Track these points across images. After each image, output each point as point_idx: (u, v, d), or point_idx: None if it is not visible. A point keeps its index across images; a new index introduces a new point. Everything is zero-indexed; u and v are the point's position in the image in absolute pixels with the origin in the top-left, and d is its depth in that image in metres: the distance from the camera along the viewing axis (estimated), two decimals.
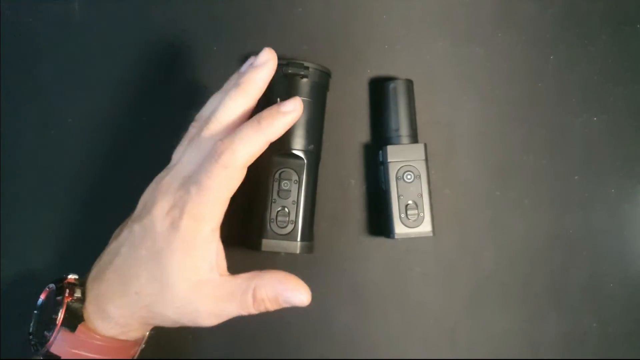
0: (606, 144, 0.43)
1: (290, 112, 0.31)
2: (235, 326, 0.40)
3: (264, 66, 0.32)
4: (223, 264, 0.31)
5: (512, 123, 0.43)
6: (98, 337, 0.30)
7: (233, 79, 0.34)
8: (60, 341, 0.30)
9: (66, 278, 0.32)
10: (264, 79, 0.32)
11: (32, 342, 0.31)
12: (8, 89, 0.42)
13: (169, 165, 0.33)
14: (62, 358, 0.30)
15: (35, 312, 0.32)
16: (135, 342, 0.33)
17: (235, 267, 0.41)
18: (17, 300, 0.40)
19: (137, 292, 0.30)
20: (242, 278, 0.31)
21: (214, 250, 0.30)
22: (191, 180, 0.29)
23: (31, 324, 0.32)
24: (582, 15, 0.44)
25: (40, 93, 0.42)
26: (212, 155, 0.29)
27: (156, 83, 0.42)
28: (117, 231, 0.34)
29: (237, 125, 0.30)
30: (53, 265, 0.41)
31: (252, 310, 0.31)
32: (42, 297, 0.32)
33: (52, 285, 0.32)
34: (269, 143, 0.30)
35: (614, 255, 0.42)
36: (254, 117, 0.30)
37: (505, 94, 0.43)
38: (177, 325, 0.31)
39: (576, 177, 0.43)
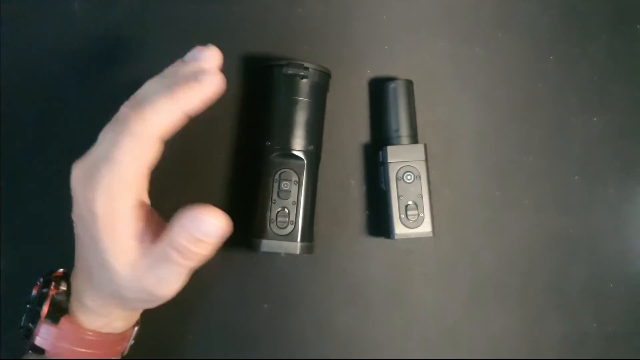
0: (606, 144, 0.43)
1: (208, 84, 0.28)
2: (236, 326, 0.41)
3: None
4: (158, 231, 0.28)
5: (512, 123, 0.43)
6: (82, 329, 0.30)
7: (176, 66, 0.31)
8: (45, 334, 0.30)
9: (55, 271, 0.32)
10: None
11: (21, 336, 0.31)
12: (8, 89, 0.42)
13: None
14: (46, 350, 0.30)
15: (28, 306, 0.32)
16: (123, 337, 0.33)
17: (235, 267, 0.41)
18: (17, 300, 0.40)
19: (99, 282, 0.29)
20: (161, 238, 0.27)
21: (141, 226, 0.28)
22: (101, 158, 0.27)
23: (22, 318, 0.32)
24: (582, 15, 0.44)
25: (40, 93, 0.42)
26: (121, 125, 0.27)
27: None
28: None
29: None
30: (53, 265, 0.41)
31: (189, 264, 0.27)
32: (34, 291, 0.32)
33: (41, 279, 0.32)
34: (185, 115, 0.28)
35: (614, 255, 0.43)
36: (168, 85, 0.28)
37: (505, 94, 0.43)
38: (149, 305, 0.30)
39: (576, 177, 0.43)
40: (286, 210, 0.37)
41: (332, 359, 0.41)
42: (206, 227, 0.26)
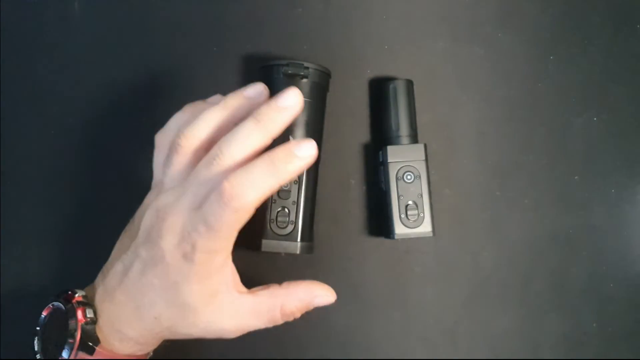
0: (606, 144, 0.43)
1: (306, 156, 0.28)
2: None
3: (290, 110, 0.29)
4: (238, 280, 0.31)
5: (512, 123, 0.43)
6: (116, 355, 0.30)
7: (235, 98, 0.31)
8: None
9: (73, 296, 0.31)
10: (286, 122, 0.29)
11: None
12: (8, 89, 0.42)
13: (160, 184, 0.31)
14: None
15: (38, 328, 0.31)
16: (146, 353, 0.34)
17: (235, 267, 0.41)
18: (17, 300, 0.40)
19: (156, 317, 0.29)
20: (265, 295, 0.31)
21: (229, 272, 0.30)
22: (199, 219, 0.27)
23: (35, 342, 0.31)
24: (582, 15, 0.44)
25: (40, 93, 0.42)
26: (220, 197, 0.26)
27: (156, 83, 0.42)
28: (118, 245, 0.33)
29: (247, 161, 0.28)
30: (53, 266, 0.41)
31: (279, 322, 0.32)
32: (45, 313, 0.31)
33: (57, 304, 0.31)
34: (280, 186, 0.29)
35: (614, 255, 0.42)
36: (267, 155, 0.28)
37: (505, 94, 0.43)
38: (201, 338, 0.31)
39: (576, 177, 0.43)
40: (286, 210, 0.37)
41: (332, 359, 0.41)
42: (321, 304, 0.32)
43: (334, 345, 0.41)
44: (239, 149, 0.28)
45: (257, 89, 0.31)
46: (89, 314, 0.30)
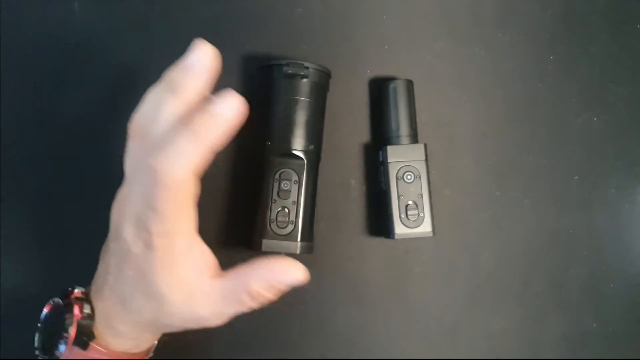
0: (606, 144, 0.43)
1: (228, 114, 0.27)
2: (235, 326, 0.40)
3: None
4: (212, 264, 0.30)
5: (512, 123, 0.43)
6: (111, 352, 0.30)
7: (179, 74, 0.29)
8: (69, 356, 0.30)
9: (72, 292, 0.31)
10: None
11: (39, 358, 0.31)
12: (8, 89, 0.42)
13: (125, 178, 0.31)
14: None
15: (39, 325, 0.31)
16: (145, 352, 0.33)
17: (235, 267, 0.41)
18: (17, 300, 0.40)
19: (138, 310, 0.29)
20: (230, 278, 0.30)
21: (198, 257, 0.29)
22: (145, 204, 0.27)
23: (36, 338, 0.31)
24: (582, 15, 0.44)
25: (40, 93, 0.42)
26: (152, 177, 0.26)
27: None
28: (103, 247, 0.33)
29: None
30: (53, 266, 0.41)
31: (253, 306, 0.30)
32: (46, 309, 0.31)
33: (57, 300, 0.31)
34: (213, 150, 0.27)
35: (614, 255, 0.43)
36: (188, 123, 0.27)
37: (505, 94, 0.43)
38: (187, 329, 0.31)
39: (576, 177, 0.43)
40: (286, 210, 0.37)
41: (332, 359, 0.41)
42: (288, 281, 0.29)
43: (334, 345, 0.41)
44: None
45: (198, 56, 0.28)
46: (86, 309, 0.30)
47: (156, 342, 0.35)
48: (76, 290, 0.31)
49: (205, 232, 0.41)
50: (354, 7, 0.43)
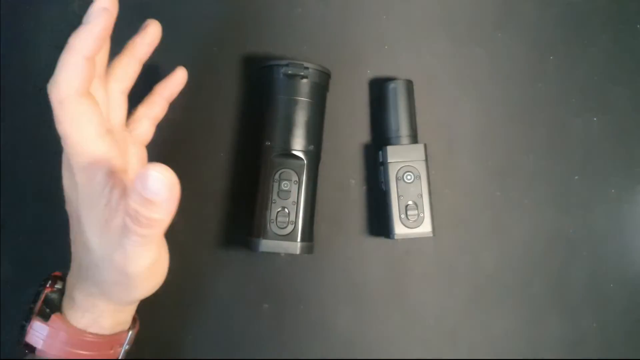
0: (606, 144, 0.43)
1: (94, 21, 0.27)
2: (236, 326, 0.41)
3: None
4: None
5: (512, 123, 0.43)
6: (71, 327, 0.30)
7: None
8: (36, 332, 0.30)
9: (54, 272, 0.33)
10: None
11: (17, 335, 0.31)
12: (8, 88, 0.42)
13: None
14: (37, 348, 0.30)
15: (31, 306, 0.32)
16: (113, 339, 0.32)
17: (235, 267, 0.41)
18: (17, 300, 0.40)
19: (79, 265, 0.30)
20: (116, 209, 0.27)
21: (117, 196, 0.27)
22: (61, 137, 0.28)
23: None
24: (582, 15, 0.44)
25: (40, 93, 0.42)
26: (51, 102, 0.28)
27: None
28: None
29: None
30: (53, 266, 0.41)
31: (145, 231, 0.26)
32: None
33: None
34: (91, 60, 0.27)
35: (614, 255, 0.43)
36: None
37: (505, 94, 0.43)
38: (126, 291, 0.30)
39: (576, 177, 0.43)
40: (286, 210, 0.37)
41: (332, 359, 0.41)
42: (152, 183, 0.23)
43: (334, 345, 0.41)
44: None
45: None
46: (58, 285, 0.31)
47: (129, 334, 0.33)
48: (58, 272, 0.33)
49: (205, 232, 0.41)
50: (354, 7, 0.43)
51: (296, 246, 0.36)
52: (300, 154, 0.37)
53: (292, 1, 0.43)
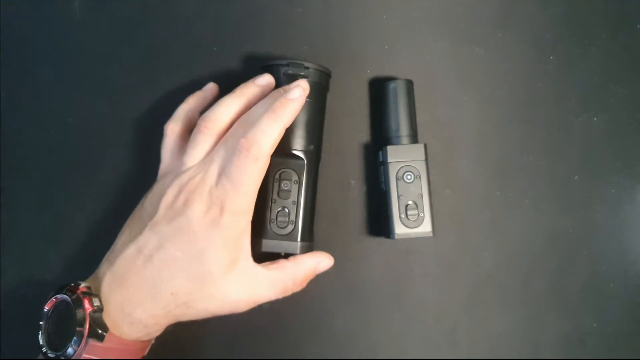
0: (606, 144, 0.43)
1: (298, 98, 0.33)
2: (236, 326, 0.41)
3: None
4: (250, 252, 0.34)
5: (512, 123, 0.43)
6: (125, 341, 0.31)
7: (249, 87, 0.36)
8: (91, 353, 0.30)
9: (77, 287, 0.31)
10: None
11: (50, 356, 0.30)
12: (8, 89, 0.42)
13: (173, 168, 0.34)
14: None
15: (41, 322, 0.31)
16: (151, 340, 0.34)
17: None
18: (17, 300, 0.40)
19: (173, 292, 0.30)
20: (277, 268, 0.34)
21: (248, 241, 0.33)
22: (224, 178, 0.31)
23: (39, 337, 0.31)
24: (582, 15, 0.44)
25: (40, 93, 0.42)
26: (240, 151, 0.30)
27: (156, 83, 0.42)
28: (125, 232, 0.33)
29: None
30: (53, 266, 0.41)
31: (289, 292, 0.35)
32: (47, 307, 0.31)
33: (61, 296, 0.31)
34: (285, 128, 0.32)
35: (614, 255, 0.43)
36: (268, 108, 0.32)
37: (505, 94, 0.43)
38: (210, 316, 0.32)
39: (576, 177, 0.43)
40: (286, 210, 0.37)
41: (332, 359, 0.41)
42: (322, 269, 0.36)
43: (334, 345, 0.41)
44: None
45: (267, 78, 0.36)
46: (96, 302, 0.31)
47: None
48: (81, 285, 0.31)
49: None
50: (354, 7, 0.43)
51: (296, 246, 0.36)
52: (300, 154, 0.37)
53: (292, 1, 0.43)
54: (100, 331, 0.30)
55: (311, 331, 0.41)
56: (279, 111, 0.32)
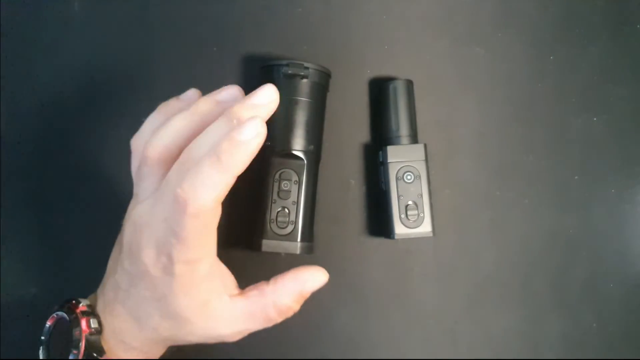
0: (606, 144, 0.43)
1: (253, 139, 0.26)
2: None
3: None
4: (231, 283, 0.31)
5: (512, 123, 0.43)
6: None
7: (206, 103, 0.30)
8: None
9: (77, 306, 0.30)
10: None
11: None
12: (8, 88, 0.42)
13: (136, 195, 0.30)
14: None
15: (42, 338, 0.31)
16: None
17: (235, 267, 0.41)
18: (17, 300, 0.40)
19: (154, 327, 0.29)
20: (253, 296, 0.30)
21: (217, 279, 0.30)
22: (168, 230, 0.26)
23: (40, 351, 0.30)
24: (582, 15, 0.44)
25: (40, 93, 0.42)
26: (177, 205, 0.26)
27: (156, 83, 0.42)
28: (112, 256, 0.32)
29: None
30: (53, 266, 0.41)
31: (277, 320, 0.31)
32: (49, 323, 0.31)
33: (61, 314, 0.30)
34: (236, 177, 0.27)
35: (614, 255, 0.43)
36: (212, 151, 0.26)
37: (505, 94, 0.43)
38: (204, 344, 0.31)
39: (576, 177, 0.43)
40: (286, 210, 0.37)
41: (332, 359, 0.41)
42: (314, 287, 0.31)
43: (334, 345, 0.41)
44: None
45: (230, 92, 0.30)
46: (93, 324, 0.29)
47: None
48: (81, 304, 0.30)
49: None
50: (354, 7, 0.43)
51: (296, 246, 0.36)
52: (300, 154, 0.37)
53: (292, 1, 0.43)
54: (95, 355, 0.29)
55: (311, 331, 0.41)
56: (224, 158, 0.25)
